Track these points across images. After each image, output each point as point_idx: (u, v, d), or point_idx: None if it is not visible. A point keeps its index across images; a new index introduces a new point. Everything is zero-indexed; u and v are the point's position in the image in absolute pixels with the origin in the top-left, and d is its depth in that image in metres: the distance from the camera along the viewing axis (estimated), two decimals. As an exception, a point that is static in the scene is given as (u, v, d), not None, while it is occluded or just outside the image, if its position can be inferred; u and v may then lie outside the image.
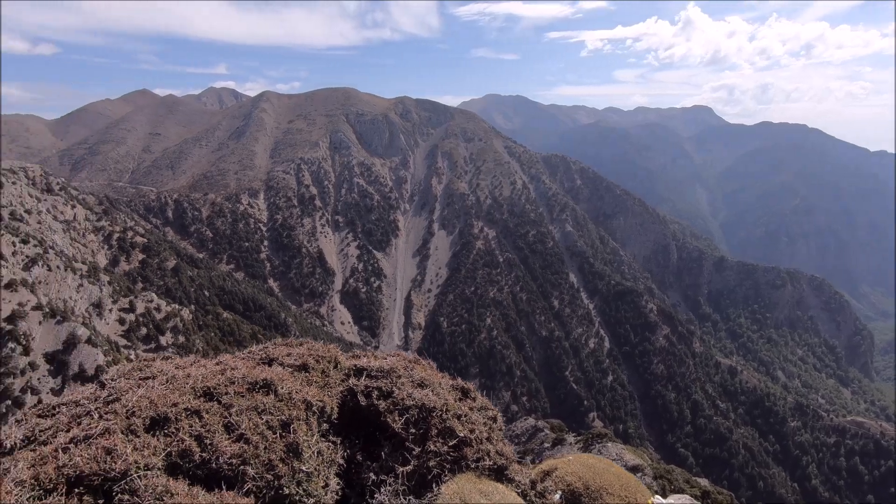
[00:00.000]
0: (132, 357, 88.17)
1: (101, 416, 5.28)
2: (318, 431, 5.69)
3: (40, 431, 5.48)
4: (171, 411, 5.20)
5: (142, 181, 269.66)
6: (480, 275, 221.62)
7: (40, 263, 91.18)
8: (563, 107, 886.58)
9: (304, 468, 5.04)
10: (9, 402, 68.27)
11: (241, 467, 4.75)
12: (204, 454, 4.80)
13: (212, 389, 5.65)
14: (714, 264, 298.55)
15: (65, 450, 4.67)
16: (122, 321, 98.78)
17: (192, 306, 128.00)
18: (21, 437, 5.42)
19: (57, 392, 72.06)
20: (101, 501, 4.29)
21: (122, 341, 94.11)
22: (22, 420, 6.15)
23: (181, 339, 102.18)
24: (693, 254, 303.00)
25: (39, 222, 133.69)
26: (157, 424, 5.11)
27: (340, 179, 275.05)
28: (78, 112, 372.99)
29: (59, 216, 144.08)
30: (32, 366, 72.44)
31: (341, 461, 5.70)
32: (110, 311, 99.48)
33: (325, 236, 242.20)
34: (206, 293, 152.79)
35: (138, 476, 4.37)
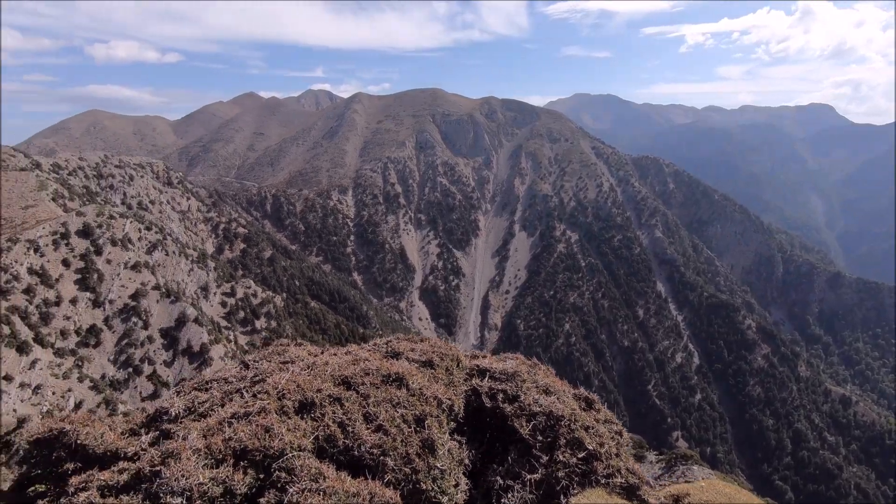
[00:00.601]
0: (231, 337, 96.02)
1: (254, 396, 5.69)
2: (448, 429, 5.78)
3: (199, 403, 6.01)
4: (317, 397, 5.50)
5: (246, 177, 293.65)
6: (561, 279, 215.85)
7: (160, 248, 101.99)
8: (657, 106, 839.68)
9: (438, 465, 5.11)
10: (130, 369, 77.06)
11: (382, 458, 4.91)
12: (347, 441, 5.01)
13: (349, 379, 5.93)
14: (828, 280, 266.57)
15: (229, 423, 5.10)
16: (223, 304, 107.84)
17: (284, 294, 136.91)
18: (183, 408, 5.96)
19: (169, 364, 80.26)
20: (261, 476, 4.56)
21: (223, 322, 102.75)
22: (181, 391, 6.75)
23: (273, 324, 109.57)
24: (802, 268, 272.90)
25: (160, 212, 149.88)
26: (305, 408, 5.42)
27: (424, 178, 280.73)
28: (195, 113, 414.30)
29: (176, 207, 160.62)
30: (150, 339, 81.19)
31: (468, 461, 5.72)
32: (214, 294, 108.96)
33: (408, 233, 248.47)
34: (297, 283, 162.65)
35: (293, 456, 4.63)
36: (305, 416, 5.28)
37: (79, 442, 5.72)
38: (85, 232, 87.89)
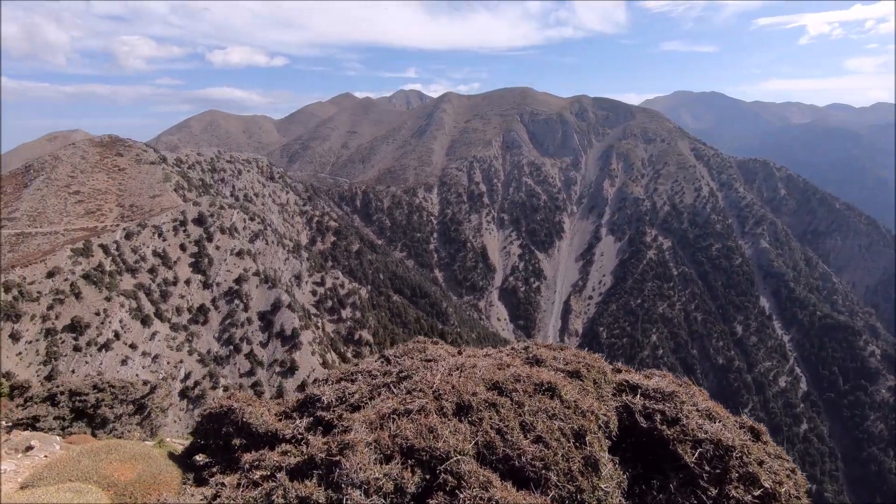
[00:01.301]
0: (319, 324, 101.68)
1: (408, 393, 5.83)
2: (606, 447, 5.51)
3: (349, 394, 6.24)
4: (473, 400, 5.42)
5: (339, 173, 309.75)
6: (649, 287, 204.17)
7: (261, 238, 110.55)
8: (769, 104, 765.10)
9: (602, 486, 4.83)
10: (231, 347, 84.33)
11: (544, 472, 4.73)
12: (506, 449, 4.87)
13: (500, 384, 5.83)
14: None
15: (390, 418, 5.20)
16: (314, 293, 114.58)
17: (369, 286, 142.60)
18: (334, 397, 6.22)
19: (264, 345, 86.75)
20: (427, 476, 4.58)
21: (313, 310, 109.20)
22: (329, 380, 7.05)
23: (357, 314, 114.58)
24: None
25: (263, 204, 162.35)
26: (462, 411, 5.38)
27: (509, 178, 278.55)
28: (296, 113, 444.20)
29: (276, 200, 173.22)
30: (249, 321, 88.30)
31: (624, 484, 5.37)
32: (306, 283, 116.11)
33: (490, 233, 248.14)
34: (381, 276, 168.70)
35: (459, 460, 4.59)
36: (463, 419, 5.21)
37: (244, 420, 6.23)
38: (199, 220, 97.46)
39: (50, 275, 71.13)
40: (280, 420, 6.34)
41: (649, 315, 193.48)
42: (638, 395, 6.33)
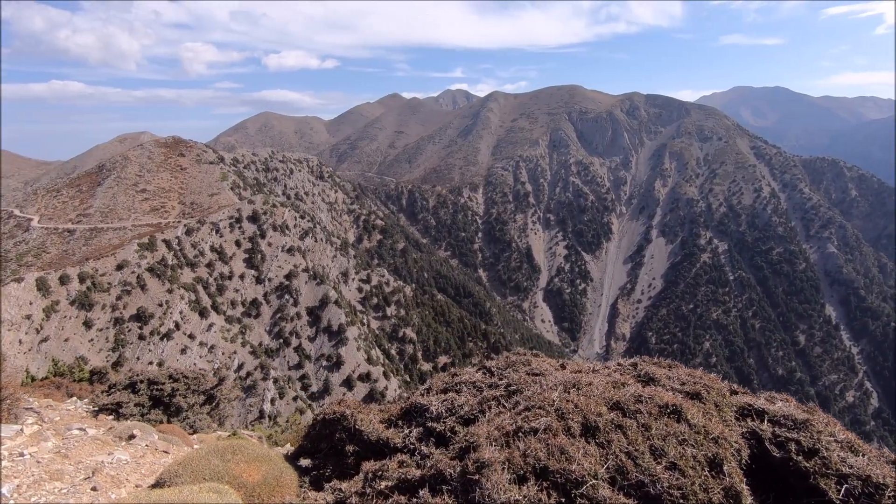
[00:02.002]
0: (364, 321, 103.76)
1: (526, 409, 5.59)
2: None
3: (458, 406, 6.19)
4: (599, 421, 5.20)
5: (385, 172, 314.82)
6: (703, 292, 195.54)
7: (310, 235, 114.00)
8: (841, 99, 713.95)
9: None
10: (281, 340, 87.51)
11: (682, 501, 4.47)
12: (639, 475, 4.62)
13: (621, 404, 5.61)
14: None
15: (515, 436, 5.05)
16: (360, 290, 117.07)
17: (413, 285, 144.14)
18: (444, 409, 6.18)
19: (311, 339, 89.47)
20: (562, 500, 4.39)
21: (359, 307, 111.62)
22: (431, 389, 7.03)
23: (402, 312, 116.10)
24: None
25: (312, 202, 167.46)
26: (589, 431, 5.14)
27: (556, 178, 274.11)
28: (346, 114, 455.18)
29: (325, 198, 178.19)
30: (298, 315, 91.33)
31: None
32: (353, 280, 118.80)
33: (535, 233, 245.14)
34: (426, 275, 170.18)
35: (595, 485, 4.40)
36: (591, 441, 4.95)
37: (356, 427, 6.34)
38: (253, 217, 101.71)
39: (119, 267, 76.31)
40: (387, 428, 6.39)
41: (702, 321, 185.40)
42: (765, 422, 5.91)
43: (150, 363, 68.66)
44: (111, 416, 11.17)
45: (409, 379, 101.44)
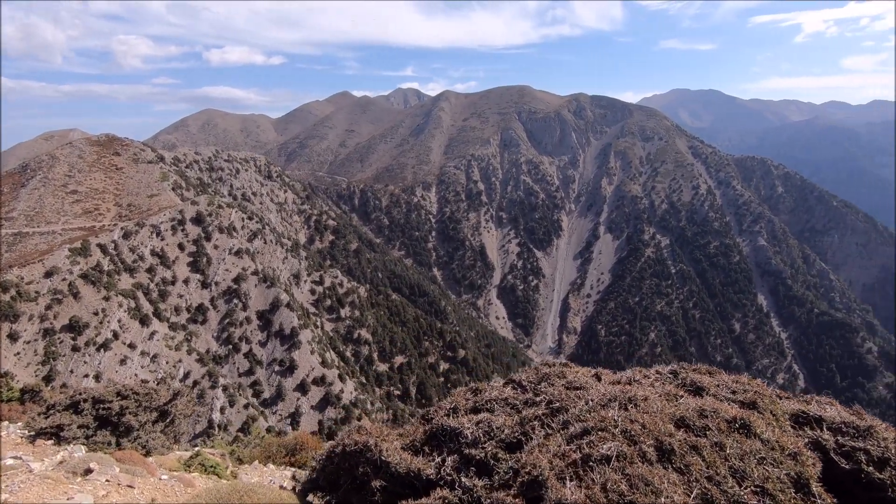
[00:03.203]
0: (318, 324, 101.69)
1: (584, 432, 5.04)
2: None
3: (496, 428, 5.50)
4: (673, 443, 4.70)
5: (337, 172, 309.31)
6: (647, 285, 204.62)
7: (259, 237, 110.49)
8: (768, 102, 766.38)
9: None
10: (230, 346, 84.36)
11: None
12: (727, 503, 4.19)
13: (686, 420, 5.17)
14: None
15: (584, 465, 4.54)
16: (313, 292, 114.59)
17: (368, 285, 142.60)
18: (481, 433, 5.48)
19: (263, 344, 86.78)
20: None
21: (312, 309, 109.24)
22: (458, 409, 6.24)
23: (356, 313, 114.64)
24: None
25: (261, 203, 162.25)
26: (664, 456, 4.63)
27: (507, 176, 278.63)
28: (294, 112, 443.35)
29: (274, 199, 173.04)
30: (248, 320, 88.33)
31: None
32: (305, 282, 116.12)
33: (488, 231, 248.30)
34: (380, 275, 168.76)
35: None
36: (667, 467, 4.45)
37: (383, 458, 5.60)
38: (198, 219, 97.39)
39: (48, 274, 71.08)
40: (412, 456, 5.70)
41: (647, 313, 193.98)
42: (824, 430, 5.45)
43: (86, 376, 64.44)
44: (51, 441, 10.22)
45: (364, 381, 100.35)
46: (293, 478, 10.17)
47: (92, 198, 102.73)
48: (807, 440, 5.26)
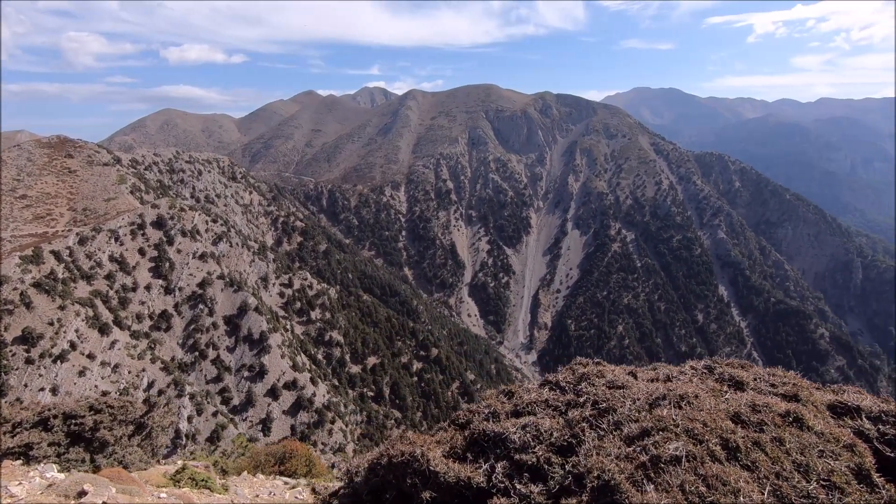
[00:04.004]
0: (288, 327, 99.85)
1: (644, 433, 4.91)
2: None
3: (545, 432, 5.31)
4: (737, 440, 4.62)
5: (303, 172, 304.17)
6: (615, 279, 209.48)
7: (224, 240, 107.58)
8: (723, 100, 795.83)
9: None
10: (196, 353, 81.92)
11: None
12: (800, 499, 4.17)
13: (740, 416, 5.12)
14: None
15: (654, 467, 4.40)
16: (281, 295, 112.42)
17: (338, 287, 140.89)
18: (530, 437, 5.28)
19: (231, 349, 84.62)
20: None
21: (281, 312, 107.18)
22: (497, 413, 5.99)
23: (327, 315, 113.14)
24: (885, 274, 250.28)
25: (225, 205, 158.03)
26: (730, 453, 4.54)
27: (476, 175, 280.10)
28: (258, 111, 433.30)
29: (239, 201, 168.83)
30: (214, 325, 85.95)
31: None
32: (273, 285, 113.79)
33: (459, 230, 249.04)
34: (350, 276, 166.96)
35: None
36: (734, 464, 4.39)
37: (430, 468, 5.36)
38: (159, 223, 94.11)
39: (-3, 284, 67.33)
40: (455, 463, 5.46)
41: (615, 306, 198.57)
42: (863, 419, 5.37)
43: (42, 389, 61.40)
44: (19, 462, 9.60)
45: (337, 383, 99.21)
46: (314, 491, 9.54)
47: (43, 202, 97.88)
48: (850, 430, 5.24)
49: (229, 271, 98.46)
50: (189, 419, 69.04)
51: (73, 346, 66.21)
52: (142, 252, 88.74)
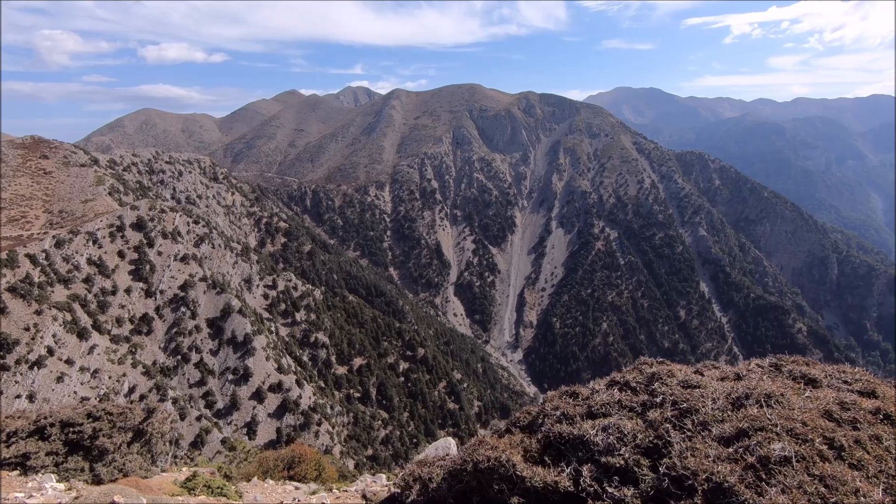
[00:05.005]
0: (272, 329, 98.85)
1: (741, 434, 4.76)
2: None
3: (628, 433, 5.15)
4: (840, 438, 4.51)
5: (286, 172, 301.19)
6: (599, 277, 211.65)
7: (206, 241, 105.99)
8: (703, 99, 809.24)
9: None
10: (179, 356, 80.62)
11: None
12: None
13: (831, 413, 5.01)
14: (888, 283, 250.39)
15: (764, 467, 4.32)
16: (266, 296, 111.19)
17: (323, 288, 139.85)
18: (614, 438, 5.08)
19: (214, 353, 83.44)
20: None
21: (265, 314, 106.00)
22: (567, 415, 5.79)
23: (312, 316, 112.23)
24: (860, 269, 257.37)
25: (207, 206, 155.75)
26: (837, 453, 4.43)
27: (461, 174, 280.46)
28: (239, 111, 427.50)
29: (221, 202, 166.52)
30: (197, 328, 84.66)
31: None
32: (257, 286, 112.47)
33: (444, 229, 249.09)
34: (335, 277, 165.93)
35: None
36: (842, 464, 4.31)
37: (517, 474, 5.20)
38: (139, 225, 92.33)
39: (-31, 289, 65.40)
40: (544, 468, 5.28)
41: (600, 304, 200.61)
42: None
43: (18, 396, 59.84)
44: (16, 472, 9.40)
45: (323, 385, 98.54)
46: (364, 497, 9.15)
47: (18, 205, 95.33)
48: None
49: (212, 273, 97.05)
50: (172, 424, 67.91)
51: (50, 351, 64.65)
52: (121, 255, 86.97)
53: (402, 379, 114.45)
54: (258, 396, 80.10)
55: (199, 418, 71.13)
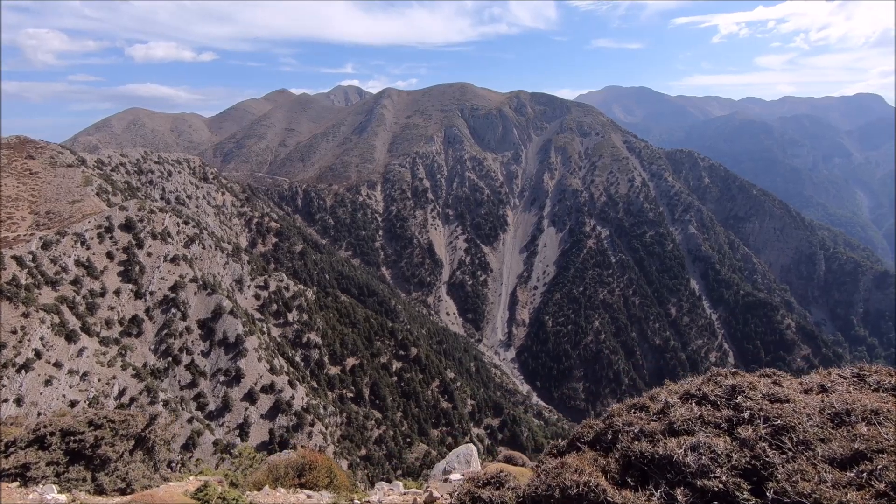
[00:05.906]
0: (264, 329, 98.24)
1: (857, 455, 4.47)
2: None
3: (721, 453, 4.79)
4: None
5: (277, 172, 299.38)
6: (590, 275, 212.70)
7: (197, 242, 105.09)
8: (692, 98, 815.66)
9: None
10: (169, 358, 79.91)
11: None
12: None
13: None
14: (874, 279, 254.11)
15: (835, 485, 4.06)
16: (257, 297, 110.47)
17: (315, 288, 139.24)
18: (707, 459, 4.75)
19: (206, 354, 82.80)
20: None
21: (257, 315, 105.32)
22: (646, 432, 5.49)
23: (305, 317, 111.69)
24: (846, 266, 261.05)
25: (197, 206, 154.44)
26: None
27: (452, 173, 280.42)
28: (229, 110, 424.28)
29: (211, 202, 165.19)
30: (188, 330, 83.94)
31: None
32: (248, 287, 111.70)
33: (436, 228, 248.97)
34: (327, 277, 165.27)
35: None
36: None
37: (609, 500, 4.84)
38: (127, 226, 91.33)
39: (-46, 292, 64.36)
40: (633, 493, 4.89)
41: (591, 302, 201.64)
42: None
43: (5, 400, 58.98)
44: (16, 483, 9.16)
45: (316, 385, 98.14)
46: None
47: (3, 206, 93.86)
48: None
49: (202, 274, 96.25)
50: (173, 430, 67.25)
51: (38, 354, 63.79)
52: (110, 256, 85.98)
53: (395, 378, 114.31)
54: (250, 397, 79.62)
55: (190, 420, 70.56)
